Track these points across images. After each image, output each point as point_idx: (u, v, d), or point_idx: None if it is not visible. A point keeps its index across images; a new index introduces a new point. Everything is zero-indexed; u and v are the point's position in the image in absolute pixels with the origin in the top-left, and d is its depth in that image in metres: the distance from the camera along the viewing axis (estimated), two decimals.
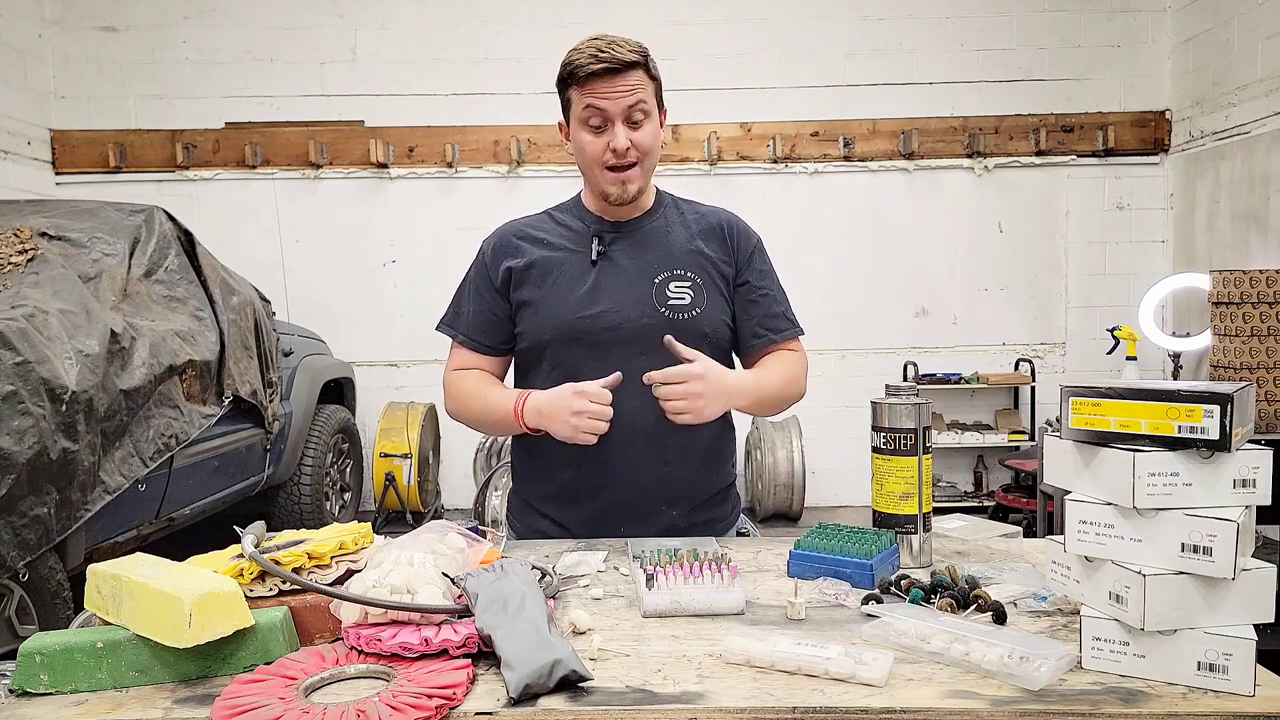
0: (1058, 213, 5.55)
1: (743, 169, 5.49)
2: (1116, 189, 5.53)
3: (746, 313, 1.67)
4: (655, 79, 1.58)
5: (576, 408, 1.46)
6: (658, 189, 1.72)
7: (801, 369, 1.70)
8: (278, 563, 1.09)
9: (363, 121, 5.45)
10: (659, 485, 1.58)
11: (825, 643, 1.00)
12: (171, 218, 3.58)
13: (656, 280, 1.60)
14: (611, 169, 1.56)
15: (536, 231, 1.68)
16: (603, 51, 1.50)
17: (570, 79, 1.54)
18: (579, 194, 1.71)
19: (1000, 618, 1.10)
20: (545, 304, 1.61)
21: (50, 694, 0.99)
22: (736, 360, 1.73)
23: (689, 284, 1.61)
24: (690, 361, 1.48)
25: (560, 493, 1.62)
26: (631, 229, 1.65)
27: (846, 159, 5.48)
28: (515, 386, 1.71)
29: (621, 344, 1.58)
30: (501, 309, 1.67)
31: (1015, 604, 1.17)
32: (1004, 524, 3.91)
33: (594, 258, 1.61)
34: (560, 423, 1.48)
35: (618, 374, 1.49)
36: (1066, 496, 1.03)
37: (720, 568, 1.21)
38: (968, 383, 5.37)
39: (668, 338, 1.49)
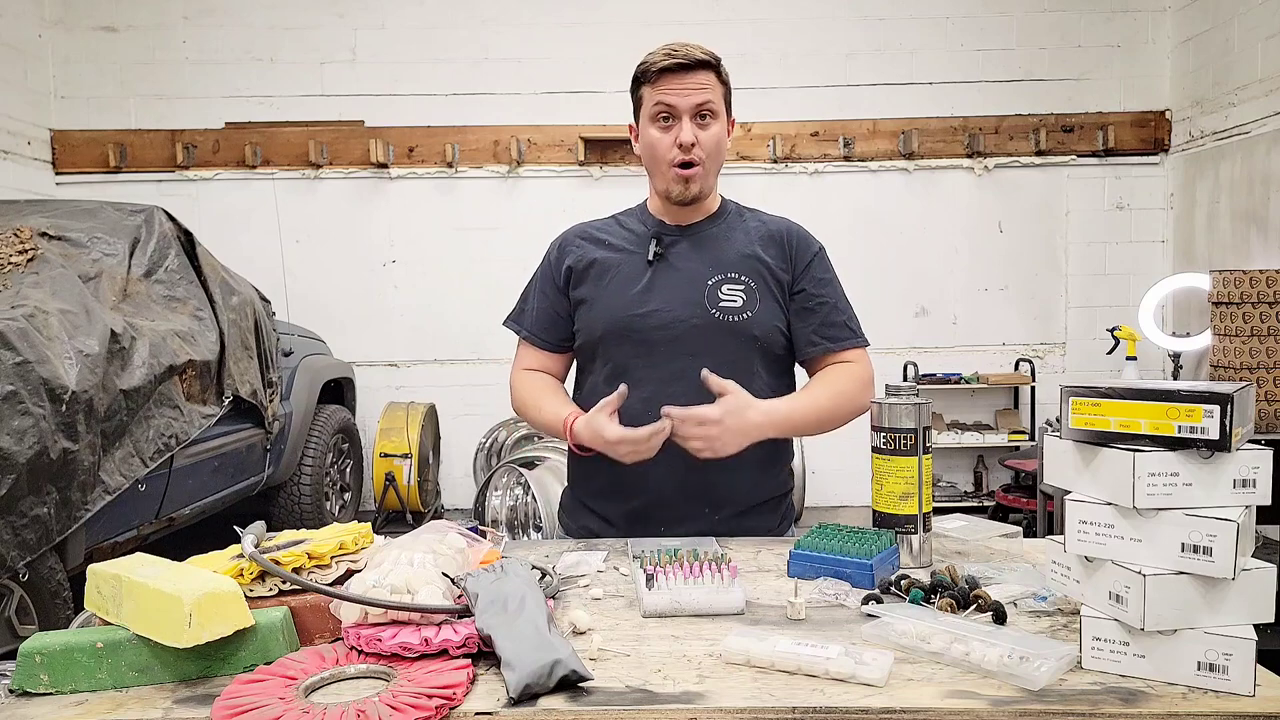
0: (1058, 213, 5.55)
1: (743, 169, 5.49)
2: (1116, 189, 5.53)
3: (803, 320, 1.65)
4: (725, 84, 1.64)
5: (620, 451, 1.49)
6: (723, 197, 1.74)
7: (858, 383, 1.63)
8: (278, 563, 1.09)
9: (363, 121, 5.45)
10: (698, 488, 1.58)
11: (825, 643, 1.00)
12: (171, 218, 3.58)
13: (710, 282, 1.61)
14: (677, 166, 1.59)
15: (600, 233, 1.72)
16: (676, 50, 1.57)
17: (643, 78, 1.60)
18: (645, 199, 1.75)
19: (1000, 618, 1.10)
20: (600, 302, 1.64)
21: (50, 694, 0.99)
22: (800, 371, 1.71)
23: (742, 287, 1.61)
24: (724, 395, 1.48)
25: (607, 488, 1.64)
26: (692, 232, 1.67)
27: (846, 159, 5.48)
28: (575, 384, 1.75)
29: (670, 343, 1.59)
30: (563, 307, 1.70)
31: (1015, 604, 1.17)
32: (1004, 524, 3.89)
33: (650, 258, 1.63)
34: (605, 451, 1.51)
35: (623, 389, 1.51)
36: (1066, 496, 1.03)
37: (720, 568, 1.21)
38: (968, 383, 5.37)
39: (704, 372, 1.49)
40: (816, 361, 1.67)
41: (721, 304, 1.60)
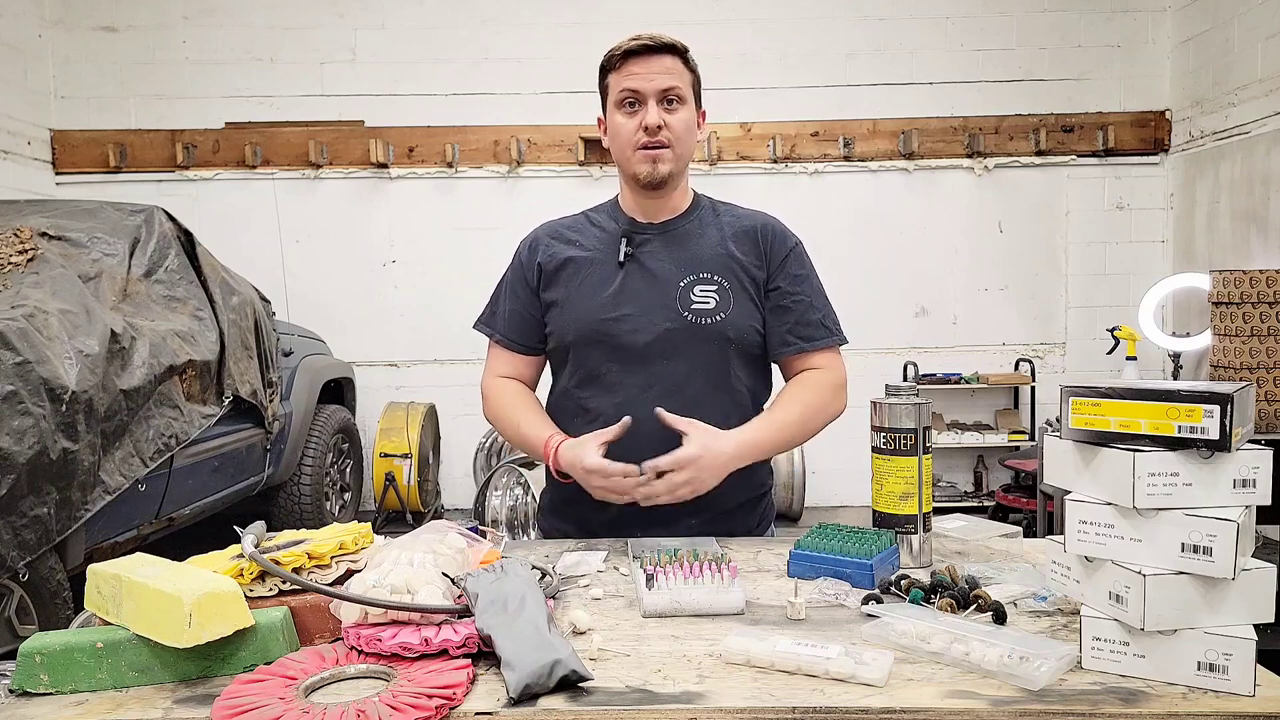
0: (1058, 213, 5.55)
1: (743, 169, 5.49)
2: (1116, 189, 5.53)
3: (778, 319, 1.62)
4: (693, 72, 1.60)
5: (593, 483, 1.47)
6: (695, 192, 1.70)
7: (829, 390, 1.60)
8: (278, 563, 1.09)
9: (363, 121, 5.45)
10: None
11: (825, 643, 1.00)
12: (171, 218, 3.58)
13: (682, 284, 1.58)
14: (643, 148, 1.55)
15: (570, 232, 1.67)
16: (641, 35, 1.56)
17: (609, 65, 1.58)
18: (616, 196, 1.71)
19: (1000, 618, 1.10)
20: (570, 304, 1.61)
21: (50, 694, 0.99)
22: (776, 371, 1.69)
23: (715, 288, 1.58)
24: (688, 432, 1.45)
25: (583, 493, 1.56)
26: (663, 230, 1.64)
27: (846, 159, 5.48)
28: (551, 386, 1.71)
29: (643, 348, 1.56)
30: (535, 308, 1.67)
31: (1015, 604, 1.17)
32: (1004, 524, 3.89)
33: (620, 259, 1.60)
34: (580, 480, 1.49)
35: (627, 420, 1.48)
36: (1066, 496, 1.03)
37: (720, 568, 1.21)
38: (968, 383, 5.37)
39: (658, 410, 1.47)
40: (790, 361, 1.64)
41: (694, 306, 1.56)
